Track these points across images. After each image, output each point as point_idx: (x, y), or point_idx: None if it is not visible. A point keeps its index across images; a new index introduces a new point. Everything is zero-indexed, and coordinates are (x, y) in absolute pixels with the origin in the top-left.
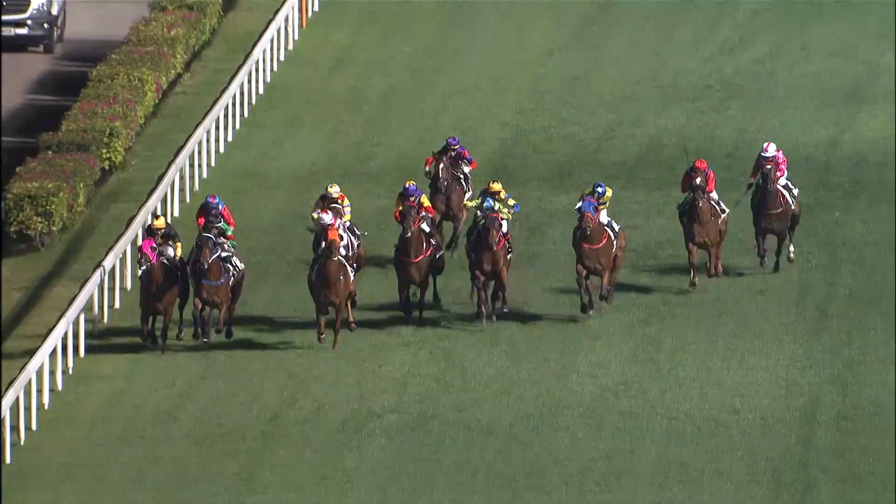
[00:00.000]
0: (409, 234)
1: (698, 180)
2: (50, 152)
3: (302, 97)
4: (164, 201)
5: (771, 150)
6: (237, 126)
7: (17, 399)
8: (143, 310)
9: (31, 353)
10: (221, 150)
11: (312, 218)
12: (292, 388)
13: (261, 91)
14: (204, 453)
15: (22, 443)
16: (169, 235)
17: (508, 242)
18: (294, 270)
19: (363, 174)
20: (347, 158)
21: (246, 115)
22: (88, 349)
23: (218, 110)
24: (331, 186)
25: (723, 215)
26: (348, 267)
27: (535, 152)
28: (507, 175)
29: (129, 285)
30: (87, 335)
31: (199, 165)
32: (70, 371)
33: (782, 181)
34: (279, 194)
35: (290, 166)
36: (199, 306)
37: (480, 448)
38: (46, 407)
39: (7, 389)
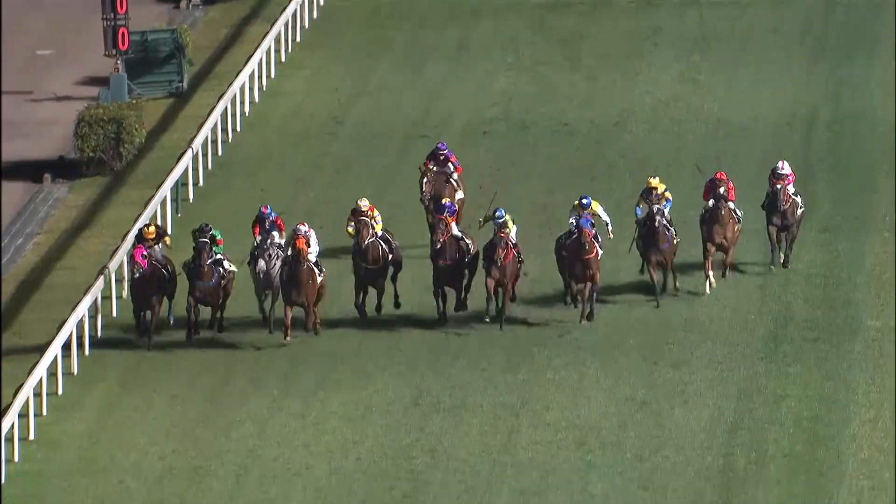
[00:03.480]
0: (440, 245)
1: (721, 189)
2: None
3: None
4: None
5: (786, 168)
6: None
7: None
8: (134, 306)
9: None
10: None
11: (348, 232)
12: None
13: None
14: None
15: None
16: (159, 236)
17: (518, 254)
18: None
19: None
20: None
21: None
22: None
23: None
24: (360, 200)
25: (738, 224)
26: (316, 271)
27: None
28: None
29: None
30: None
31: None
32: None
33: (791, 189)
34: None
35: None
36: (193, 304)
37: (565, 147)
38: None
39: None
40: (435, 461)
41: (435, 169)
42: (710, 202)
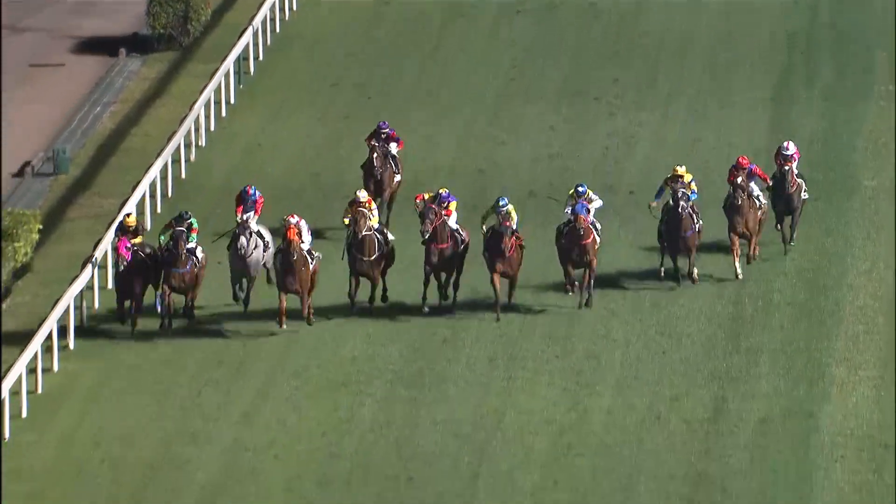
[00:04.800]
0: (427, 234)
1: (739, 179)
2: None
3: None
4: None
5: (791, 147)
6: None
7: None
8: (117, 294)
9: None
10: None
11: (344, 223)
12: None
13: None
14: None
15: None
16: (137, 231)
17: (520, 243)
18: None
19: None
20: None
21: None
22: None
23: None
24: (359, 192)
25: (760, 210)
26: (309, 259)
27: None
28: None
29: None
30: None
31: None
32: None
33: (796, 171)
34: None
35: None
36: (167, 292)
37: (591, 26)
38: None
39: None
40: (473, 312)
41: (377, 144)
42: (730, 190)
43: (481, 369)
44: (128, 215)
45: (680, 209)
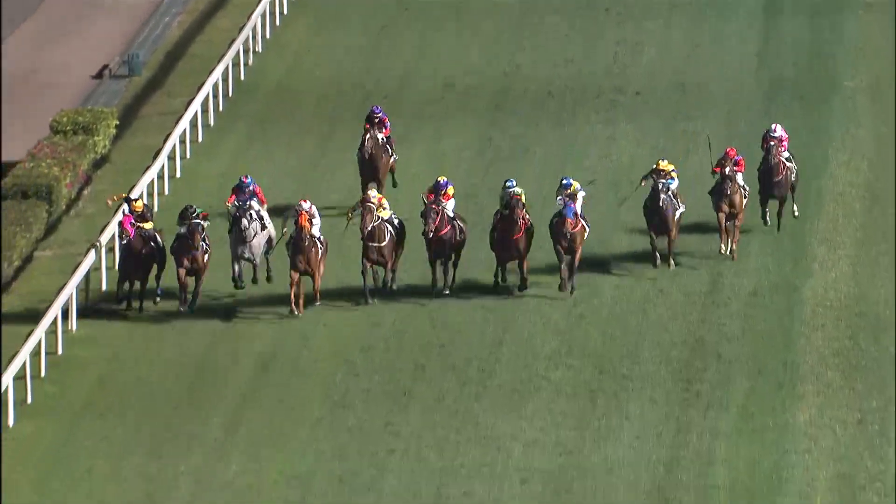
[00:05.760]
0: (431, 235)
1: (727, 170)
2: None
3: None
4: None
5: (779, 130)
6: None
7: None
8: (120, 275)
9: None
10: None
11: (348, 215)
12: None
13: None
14: None
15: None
16: (144, 216)
17: (529, 224)
18: None
19: None
20: None
21: None
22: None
23: None
24: (370, 191)
25: (745, 198)
26: (319, 244)
27: None
28: None
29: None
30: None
31: None
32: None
33: (785, 154)
34: None
35: None
36: (182, 277)
37: None
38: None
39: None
40: (494, 198)
41: (374, 129)
42: (719, 178)
43: None
44: (135, 200)
45: (661, 203)
